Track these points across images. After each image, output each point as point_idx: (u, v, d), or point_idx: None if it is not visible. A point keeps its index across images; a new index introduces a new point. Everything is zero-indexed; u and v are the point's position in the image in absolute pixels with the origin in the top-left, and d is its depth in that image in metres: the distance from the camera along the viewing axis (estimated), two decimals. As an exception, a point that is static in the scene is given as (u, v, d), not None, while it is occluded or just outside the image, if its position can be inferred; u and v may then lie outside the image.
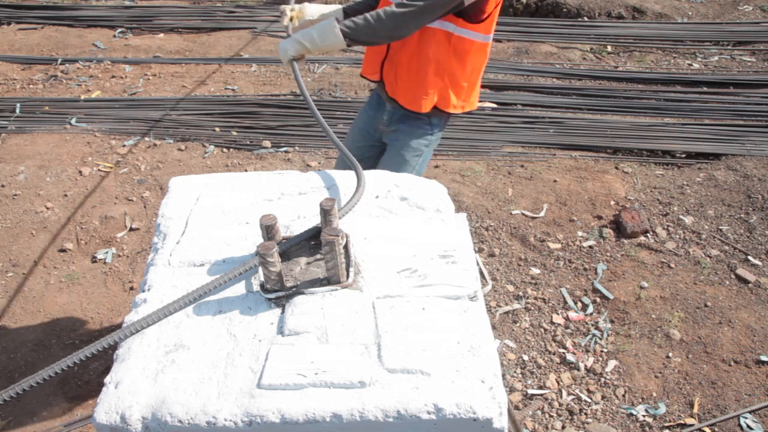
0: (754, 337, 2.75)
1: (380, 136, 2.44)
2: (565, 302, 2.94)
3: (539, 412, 2.47)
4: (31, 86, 4.76)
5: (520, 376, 2.61)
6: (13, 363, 2.68)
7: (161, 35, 5.55)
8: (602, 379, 2.59)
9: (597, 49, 5.28)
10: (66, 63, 5.04)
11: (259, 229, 1.38)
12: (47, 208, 3.52)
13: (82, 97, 4.55)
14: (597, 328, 2.81)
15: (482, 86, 4.64)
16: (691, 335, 2.77)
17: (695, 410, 2.47)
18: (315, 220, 1.49)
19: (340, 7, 2.34)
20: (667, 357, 2.68)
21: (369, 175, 1.66)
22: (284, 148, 4.01)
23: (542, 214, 3.46)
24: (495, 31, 2.18)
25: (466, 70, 2.18)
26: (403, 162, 2.39)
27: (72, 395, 2.54)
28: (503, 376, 2.58)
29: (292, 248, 1.39)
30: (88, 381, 2.59)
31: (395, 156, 2.40)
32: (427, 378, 1.13)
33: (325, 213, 1.34)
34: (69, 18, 5.76)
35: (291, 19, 2.27)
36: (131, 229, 3.38)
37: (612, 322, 2.85)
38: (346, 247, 1.38)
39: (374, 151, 2.53)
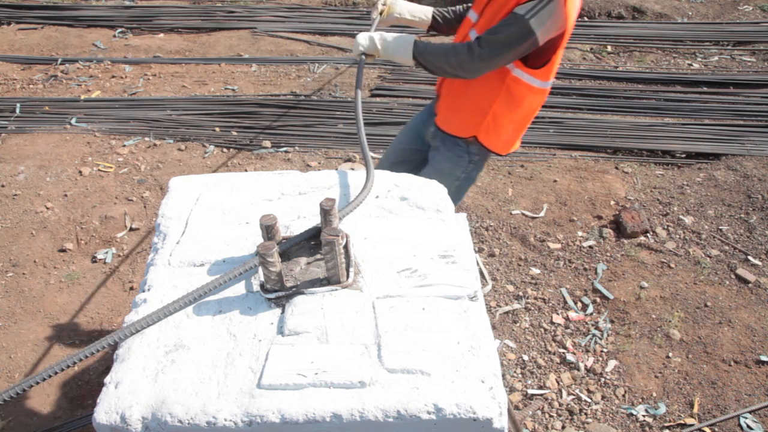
0: (754, 337, 2.75)
1: (427, 145, 2.42)
2: (565, 302, 2.94)
3: (539, 412, 2.47)
4: (31, 86, 4.76)
5: (520, 376, 2.61)
6: (13, 363, 2.68)
7: (161, 35, 5.55)
8: (602, 379, 2.59)
9: (597, 49, 5.28)
10: (66, 63, 5.04)
11: (259, 229, 1.38)
12: (47, 208, 3.52)
13: (82, 97, 4.55)
14: (597, 328, 2.81)
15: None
16: (691, 335, 2.77)
17: (695, 410, 2.47)
18: (315, 220, 1.49)
19: (431, 9, 2.30)
20: (667, 357, 2.68)
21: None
22: (284, 148, 4.01)
23: (542, 214, 3.46)
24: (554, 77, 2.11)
25: (515, 113, 2.12)
26: None
27: (72, 395, 2.54)
28: (503, 376, 2.58)
29: (292, 248, 1.39)
30: (88, 381, 2.59)
31: (430, 176, 2.38)
32: (427, 378, 1.13)
33: (325, 213, 1.34)
34: (69, 18, 5.76)
35: (381, 13, 2.24)
36: (131, 229, 3.38)
37: (612, 322, 2.85)
38: (346, 247, 1.38)
39: (419, 156, 2.49)
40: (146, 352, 1.20)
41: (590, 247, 3.24)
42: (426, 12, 2.31)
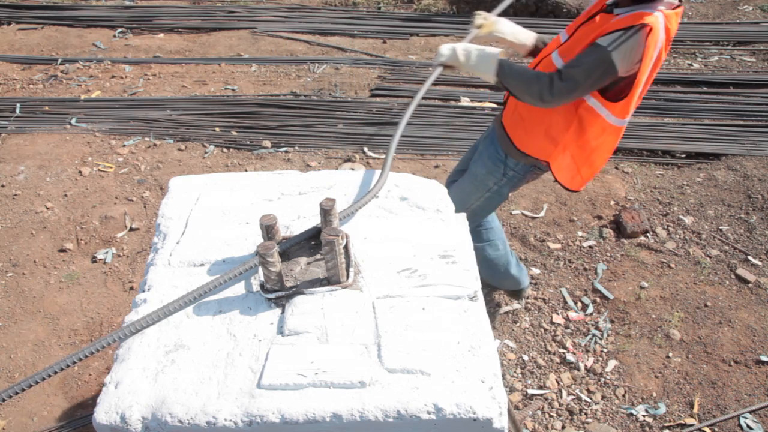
0: (754, 337, 2.75)
1: None
2: (565, 302, 2.94)
3: (539, 412, 2.47)
4: (31, 86, 4.76)
5: (520, 376, 2.61)
6: (13, 363, 2.68)
7: (161, 35, 5.55)
8: (602, 379, 2.59)
9: (597, 49, 5.27)
10: (66, 63, 5.04)
11: (259, 229, 1.38)
12: (47, 208, 3.52)
13: (82, 97, 4.55)
14: (597, 328, 2.81)
15: (482, 86, 4.69)
16: (691, 335, 2.77)
17: (695, 410, 2.47)
18: (315, 220, 1.49)
19: (534, 35, 2.25)
20: (667, 357, 2.68)
21: (369, 174, 1.66)
22: (284, 148, 4.01)
23: (542, 214, 3.46)
24: (631, 115, 2.05)
25: (584, 145, 2.07)
26: (467, 192, 2.33)
27: (72, 395, 2.55)
28: (503, 376, 2.58)
29: (292, 248, 1.39)
30: (88, 381, 2.60)
31: (465, 180, 2.37)
32: (427, 378, 1.13)
33: (325, 213, 1.34)
34: (69, 18, 5.76)
35: (479, 27, 2.19)
36: (131, 229, 3.38)
37: (612, 322, 2.85)
38: (346, 247, 1.38)
39: None
40: (146, 352, 1.20)
41: (590, 247, 3.24)
42: (529, 37, 2.25)
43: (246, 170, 3.83)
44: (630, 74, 1.89)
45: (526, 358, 2.68)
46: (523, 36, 2.24)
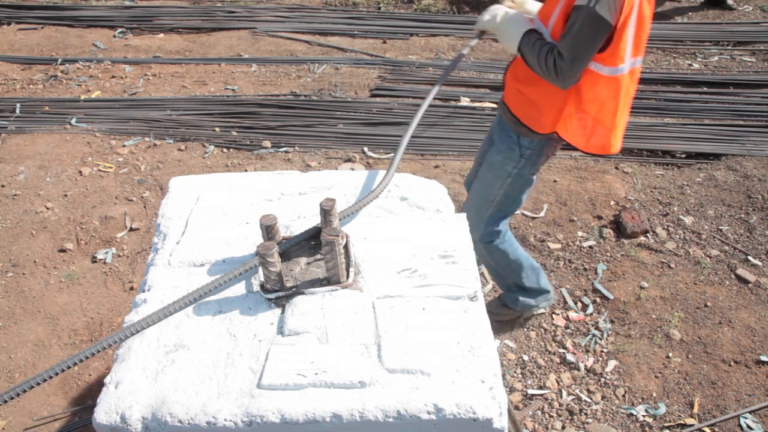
0: (754, 337, 2.75)
1: None
2: (565, 302, 2.94)
3: (539, 412, 2.47)
4: (31, 86, 4.76)
5: (520, 376, 2.61)
6: (13, 363, 2.68)
7: (161, 35, 5.55)
8: (602, 379, 2.59)
9: (597, 49, 5.27)
10: (66, 63, 5.04)
11: (259, 229, 1.38)
12: (47, 208, 3.52)
13: (82, 97, 4.55)
14: (597, 328, 2.81)
15: (482, 86, 4.69)
16: (691, 335, 2.77)
17: (695, 410, 2.47)
18: (315, 220, 1.49)
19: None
20: (667, 357, 2.68)
21: (369, 174, 1.66)
22: (284, 148, 4.01)
23: (542, 214, 3.46)
24: (622, 61, 1.97)
25: (581, 104, 2.05)
26: (488, 183, 2.33)
27: (72, 395, 2.55)
28: (503, 376, 2.58)
29: (292, 248, 1.39)
30: (88, 381, 2.60)
31: (483, 172, 2.37)
32: (427, 378, 1.13)
33: (325, 213, 1.34)
34: (69, 18, 5.76)
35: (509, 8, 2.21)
36: (131, 229, 3.38)
37: (612, 322, 2.85)
38: (346, 247, 1.38)
39: None
40: (146, 352, 1.20)
41: (590, 247, 3.24)
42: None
43: (246, 170, 3.83)
44: (623, 20, 1.86)
45: (526, 358, 2.68)
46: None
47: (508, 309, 2.70)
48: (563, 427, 2.42)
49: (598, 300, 2.95)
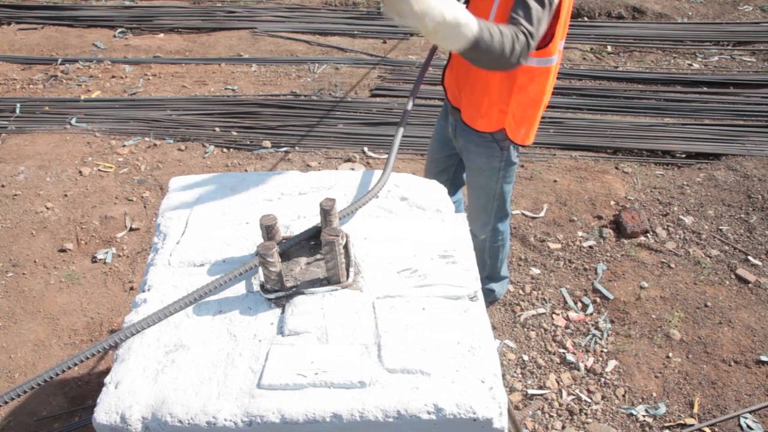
0: (754, 337, 2.75)
1: (453, 146, 2.40)
2: (565, 302, 2.94)
3: (539, 412, 2.47)
4: (31, 86, 4.76)
5: (520, 376, 2.61)
6: (13, 363, 2.68)
7: (161, 35, 5.55)
8: (602, 379, 2.59)
9: (597, 49, 5.28)
10: (66, 63, 5.04)
11: (259, 229, 1.38)
12: (47, 208, 3.52)
13: (82, 97, 4.55)
14: (597, 328, 2.81)
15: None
16: (691, 335, 2.77)
17: (695, 410, 2.47)
18: (315, 220, 1.49)
19: None
20: (667, 357, 2.68)
21: (369, 174, 1.66)
22: (284, 148, 4.01)
23: (542, 214, 3.46)
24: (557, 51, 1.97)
25: (524, 99, 2.05)
26: (484, 184, 2.34)
27: (72, 395, 2.55)
28: (503, 376, 2.58)
29: (292, 248, 1.39)
30: (88, 381, 2.60)
31: (473, 178, 2.37)
32: (427, 378, 1.13)
33: (325, 213, 1.34)
34: (69, 18, 5.76)
35: None
36: (131, 229, 3.38)
37: (612, 322, 2.85)
38: (346, 247, 1.38)
39: (452, 161, 2.49)
40: (146, 353, 1.20)
41: (590, 247, 3.24)
42: None
43: (246, 170, 3.83)
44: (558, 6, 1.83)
45: (526, 358, 2.68)
46: None
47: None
48: (563, 427, 2.42)
49: (598, 300, 2.95)
